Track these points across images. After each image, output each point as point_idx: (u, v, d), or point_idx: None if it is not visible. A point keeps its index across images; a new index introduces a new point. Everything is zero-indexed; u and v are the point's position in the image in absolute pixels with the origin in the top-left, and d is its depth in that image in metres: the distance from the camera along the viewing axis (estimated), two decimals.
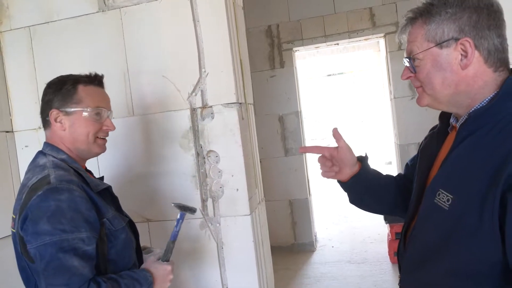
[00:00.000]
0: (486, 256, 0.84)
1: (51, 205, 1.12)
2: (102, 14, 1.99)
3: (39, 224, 1.11)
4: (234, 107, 1.86)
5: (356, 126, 13.53)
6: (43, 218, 1.10)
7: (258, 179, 2.12)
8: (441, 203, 0.91)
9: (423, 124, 4.18)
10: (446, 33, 0.91)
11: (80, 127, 1.29)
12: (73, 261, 1.10)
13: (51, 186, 1.14)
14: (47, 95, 1.31)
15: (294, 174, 4.65)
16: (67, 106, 1.28)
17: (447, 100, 0.96)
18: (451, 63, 0.92)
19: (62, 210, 1.12)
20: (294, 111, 4.64)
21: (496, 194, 0.81)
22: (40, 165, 1.25)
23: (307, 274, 4.04)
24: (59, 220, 1.11)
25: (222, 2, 1.85)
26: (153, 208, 1.98)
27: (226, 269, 1.92)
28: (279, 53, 4.61)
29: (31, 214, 1.13)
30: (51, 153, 1.29)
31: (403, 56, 1.04)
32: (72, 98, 1.28)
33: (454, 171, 0.93)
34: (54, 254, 1.09)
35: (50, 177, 1.17)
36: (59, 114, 1.28)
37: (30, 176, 1.24)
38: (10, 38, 2.12)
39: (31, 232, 1.12)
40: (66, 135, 1.29)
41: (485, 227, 0.82)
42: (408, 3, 4.18)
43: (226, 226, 1.90)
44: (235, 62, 1.89)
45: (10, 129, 2.14)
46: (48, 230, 1.10)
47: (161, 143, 1.95)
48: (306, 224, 4.70)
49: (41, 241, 1.10)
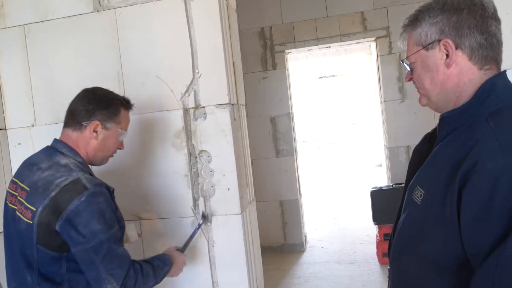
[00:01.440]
0: (449, 248, 0.91)
1: (95, 209, 1.30)
2: (97, 14, 2.01)
3: (91, 226, 1.29)
4: (227, 108, 1.90)
5: (347, 129, 13.62)
6: (93, 220, 1.29)
7: (249, 179, 2.15)
8: (416, 199, 0.99)
9: (412, 127, 4.28)
10: (429, 36, 0.99)
11: (110, 142, 1.50)
12: (120, 248, 1.36)
13: (91, 191, 1.31)
14: (91, 104, 1.45)
15: (285, 175, 4.69)
16: (109, 123, 1.47)
17: (437, 99, 1.02)
18: (437, 63, 0.99)
19: (104, 211, 1.32)
20: (285, 113, 4.68)
21: (454, 190, 0.87)
22: (63, 165, 1.38)
23: (297, 274, 4.08)
24: (105, 220, 1.32)
25: (216, 4, 1.88)
26: (145, 206, 2.00)
27: (217, 267, 1.95)
28: (272, 55, 4.65)
29: (79, 217, 1.29)
30: (69, 154, 1.43)
31: (393, 60, 1.11)
32: (115, 117, 1.48)
33: (427, 169, 1.00)
34: (110, 247, 1.31)
35: (82, 181, 1.33)
36: (98, 126, 1.45)
37: (54, 174, 1.36)
38: (4, 36, 2.13)
39: (85, 234, 1.29)
40: (94, 144, 1.46)
41: (447, 221, 0.90)
42: (399, 8, 4.25)
43: (217, 224, 1.93)
44: (227, 64, 1.92)
45: (3, 126, 2.15)
46: (101, 229, 1.30)
47: (154, 142, 1.98)
48: (296, 225, 4.74)
49: (98, 239, 1.29)
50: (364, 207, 5.76)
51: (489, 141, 0.87)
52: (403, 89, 4.31)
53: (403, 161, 4.34)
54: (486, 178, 0.83)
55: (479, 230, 0.84)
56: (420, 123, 4.17)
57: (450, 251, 0.91)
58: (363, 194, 6.51)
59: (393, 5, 4.28)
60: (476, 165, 0.85)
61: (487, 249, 0.83)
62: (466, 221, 0.86)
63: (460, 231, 0.88)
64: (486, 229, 0.83)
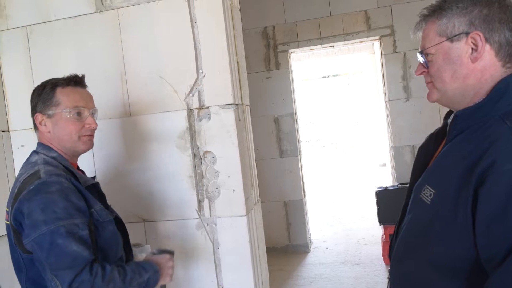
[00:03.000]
0: (459, 250, 0.88)
1: (43, 197, 1.18)
2: (100, 15, 2.00)
3: (34, 216, 1.17)
4: (231, 108, 1.87)
5: (351, 128, 13.59)
6: (37, 210, 1.17)
7: (254, 180, 2.13)
8: (424, 198, 0.96)
9: (417, 126, 4.25)
10: (457, 27, 0.94)
11: (62, 128, 1.35)
12: (72, 245, 1.15)
13: (42, 180, 1.21)
14: (33, 100, 1.38)
15: (289, 175, 4.67)
16: (48, 109, 1.35)
17: (454, 94, 0.98)
18: (461, 56, 0.94)
19: (54, 201, 1.18)
20: (289, 113, 4.65)
21: (469, 191, 0.85)
22: (32, 162, 1.33)
23: (301, 275, 4.06)
24: (52, 210, 1.17)
25: (219, 3, 1.86)
26: (149, 208, 1.98)
27: (222, 269, 1.92)
28: (275, 54, 4.63)
29: (25, 208, 1.19)
30: (43, 152, 1.36)
31: (398, 58, 1.07)
32: (51, 101, 1.35)
33: (438, 168, 0.97)
34: (54, 242, 1.14)
35: (40, 172, 1.25)
36: (43, 118, 1.35)
37: (22, 172, 1.32)
38: (7, 37, 2.12)
39: (28, 225, 1.18)
40: (51, 136, 1.37)
41: (459, 222, 0.87)
42: (403, 6, 4.22)
43: (222, 226, 1.91)
44: (232, 63, 1.90)
45: (6, 128, 2.14)
46: (44, 220, 1.16)
47: (158, 143, 1.96)
48: (301, 226, 4.71)
49: (39, 231, 1.15)
50: (368, 207, 5.73)
51: (507, 142, 0.84)
52: (407, 88, 4.27)
53: (408, 160, 4.30)
54: (504, 179, 0.81)
55: (496, 232, 0.82)
56: (425, 122, 4.14)
57: (459, 254, 0.88)
58: (367, 194, 6.47)
59: (397, 3, 4.25)
60: (493, 166, 0.82)
61: (504, 253, 0.80)
62: (481, 223, 0.83)
63: (474, 233, 0.85)
64: (504, 232, 0.80)
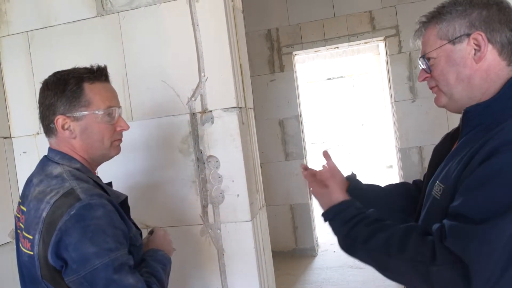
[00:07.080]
0: None
1: (90, 224, 1.00)
2: (101, 19, 1.98)
3: (82, 249, 0.99)
4: (234, 112, 1.84)
5: (357, 130, 13.52)
6: (85, 240, 0.99)
7: (259, 185, 2.09)
8: (435, 194, 0.98)
9: (424, 127, 4.20)
10: (458, 30, 0.95)
11: (93, 133, 1.14)
12: (128, 279, 1.01)
13: (84, 203, 1.02)
14: (48, 98, 1.14)
15: (295, 178, 4.63)
16: (75, 111, 1.12)
17: (461, 96, 0.98)
18: (464, 57, 0.95)
19: (103, 229, 1.01)
20: (294, 115, 4.62)
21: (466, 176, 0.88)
22: (55, 176, 1.10)
23: (309, 279, 4.01)
24: (103, 240, 1.00)
25: (221, 6, 1.83)
26: (152, 214, 1.95)
27: (227, 276, 1.89)
28: (279, 57, 4.60)
29: (68, 238, 1.00)
30: (63, 162, 1.14)
31: (404, 59, 1.08)
32: (79, 100, 1.12)
33: (447, 164, 0.98)
34: (109, 277, 0.99)
35: (76, 191, 1.04)
36: (66, 121, 1.13)
37: (44, 189, 1.08)
38: (8, 43, 2.10)
39: (76, 259, 1.00)
40: (77, 143, 1.15)
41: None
42: (408, 6, 4.18)
43: (227, 232, 1.87)
44: (234, 66, 1.87)
45: (8, 135, 2.12)
46: (95, 252, 0.99)
47: (161, 148, 1.93)
48: (308, 229, 4.67)
49: (91, 266, 0.99)
50: None
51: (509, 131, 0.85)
52: (414, 88, 4.22)
53: (415, 162, 4.25)
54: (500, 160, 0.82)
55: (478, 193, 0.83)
56: (432, 123, 4.09)
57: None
58: None
59: (402, 3, 4.21)
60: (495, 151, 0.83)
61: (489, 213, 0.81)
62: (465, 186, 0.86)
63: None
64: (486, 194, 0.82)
